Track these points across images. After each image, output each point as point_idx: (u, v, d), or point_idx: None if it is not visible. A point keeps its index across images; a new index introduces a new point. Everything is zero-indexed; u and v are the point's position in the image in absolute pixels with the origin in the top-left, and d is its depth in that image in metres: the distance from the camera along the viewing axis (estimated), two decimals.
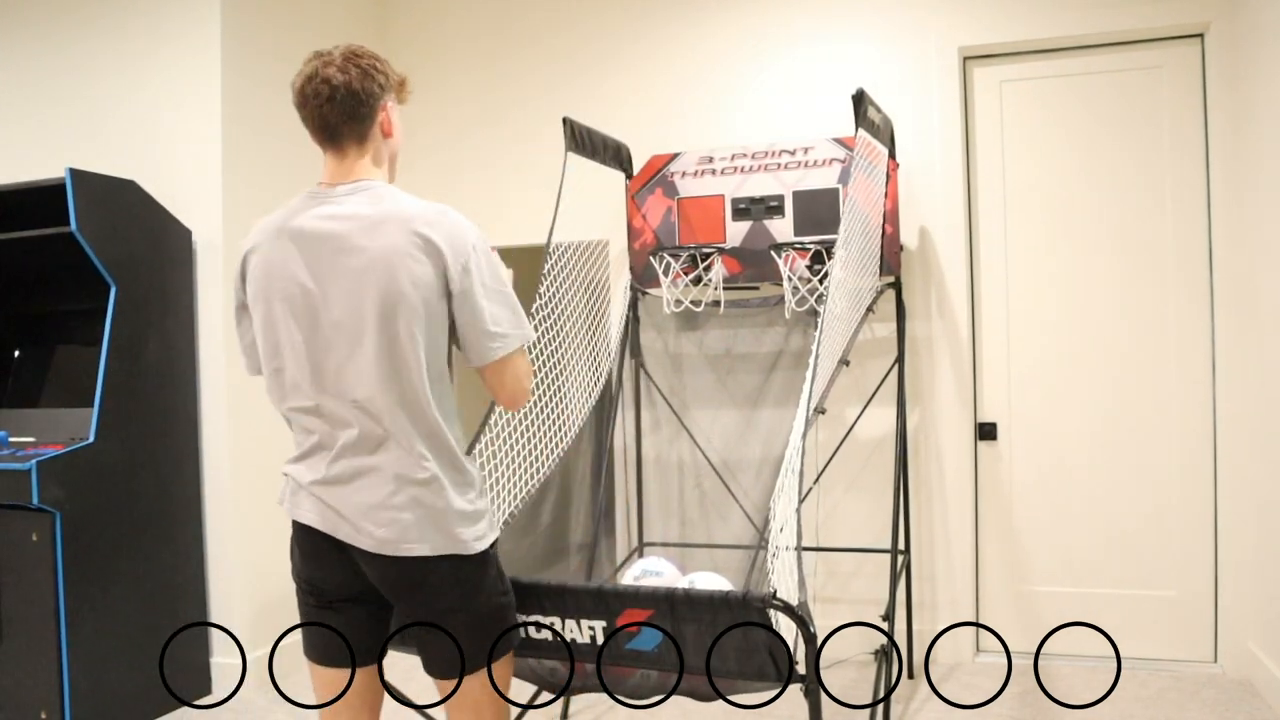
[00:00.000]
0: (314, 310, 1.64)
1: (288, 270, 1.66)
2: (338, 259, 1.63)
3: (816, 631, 1.72)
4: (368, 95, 1.69)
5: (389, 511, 1.63)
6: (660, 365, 3.74)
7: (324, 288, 1.63)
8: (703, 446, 3.66)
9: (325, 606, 1.75)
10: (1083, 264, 3.53)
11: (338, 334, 1.63)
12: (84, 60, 3.59)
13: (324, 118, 1.68)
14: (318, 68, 1.68)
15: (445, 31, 4.18)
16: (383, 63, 1.74)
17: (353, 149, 1.72)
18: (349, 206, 1.66)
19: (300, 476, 1.70)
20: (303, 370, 1.66)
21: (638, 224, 3.58)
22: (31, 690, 2.90)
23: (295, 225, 1.68)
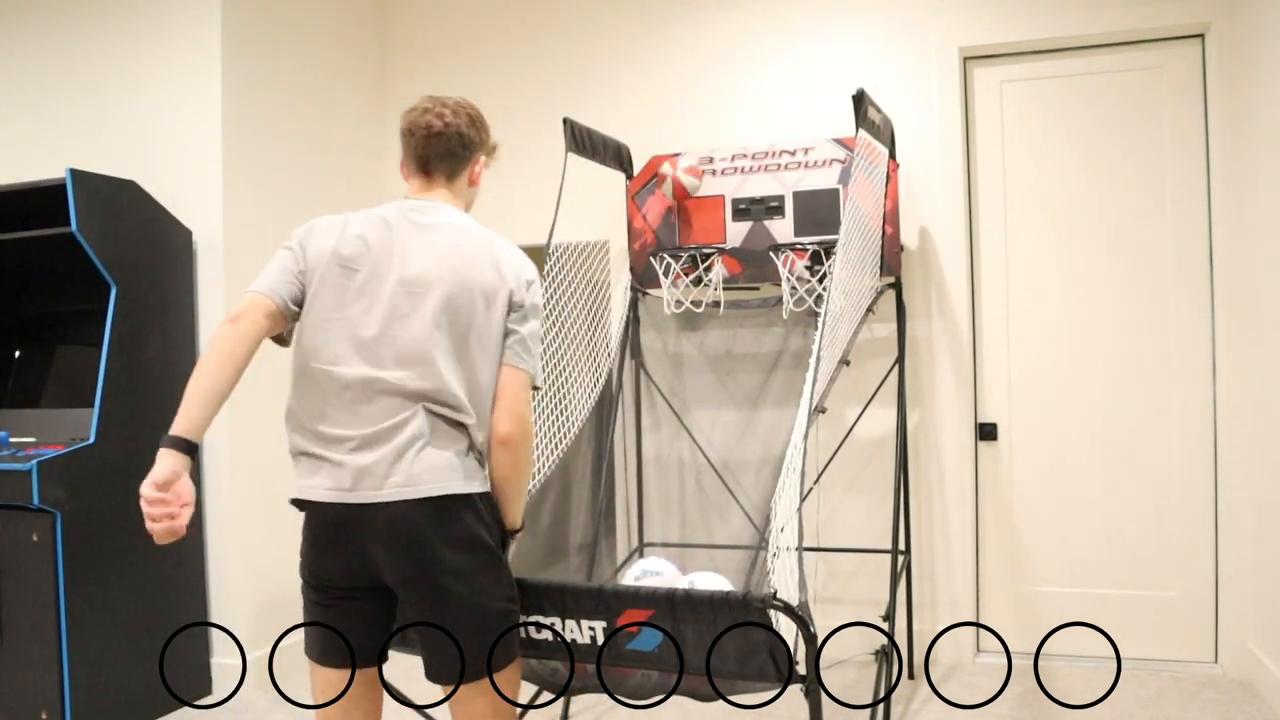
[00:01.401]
0: (379, 290, 1.74)
1: (359, 251, 1.77)
2: (420, 253, 1.76)
3: (817, 632, 1.72)
4: (468, 142, 1.90)
5: (413, 464, 1.70)
6: (660, 365, 3.75)
7: (395, 271, 1.75)
8: (703, 447, 3.66)
9: (329, 603, 1.75)
10: (1083, 264, 3.53)
11: (399, 316, 1.73)
12: (85, 61, 3.59)
13: (425, 151, 1.87)
14: (431, 107, 1.88)
15: (445, 31, 4.18)
16: (487, 123, 1.96)
17: (440, 184, 1.90)
18: (433, 216, 1.84)
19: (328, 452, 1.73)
20: (348, 338, 1.73)
21: (638, 224, 3.58)
22: (31, 690, 2.90)
23: (382, 213, 1.83)
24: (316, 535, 1.73)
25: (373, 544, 1.69)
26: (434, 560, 1.67)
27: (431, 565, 1.67)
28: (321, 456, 1.71)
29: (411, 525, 1.67)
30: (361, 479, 1.68)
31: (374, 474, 1.67)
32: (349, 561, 1.72)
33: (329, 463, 1.70)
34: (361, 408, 1.70)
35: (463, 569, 1.68)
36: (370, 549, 1.69)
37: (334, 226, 1.81)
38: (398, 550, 1.67)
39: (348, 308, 1.74)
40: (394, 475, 1.67)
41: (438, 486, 1.68)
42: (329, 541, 1.72)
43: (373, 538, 1.68)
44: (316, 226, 1.82)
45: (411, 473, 1.67)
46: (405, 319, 1.72)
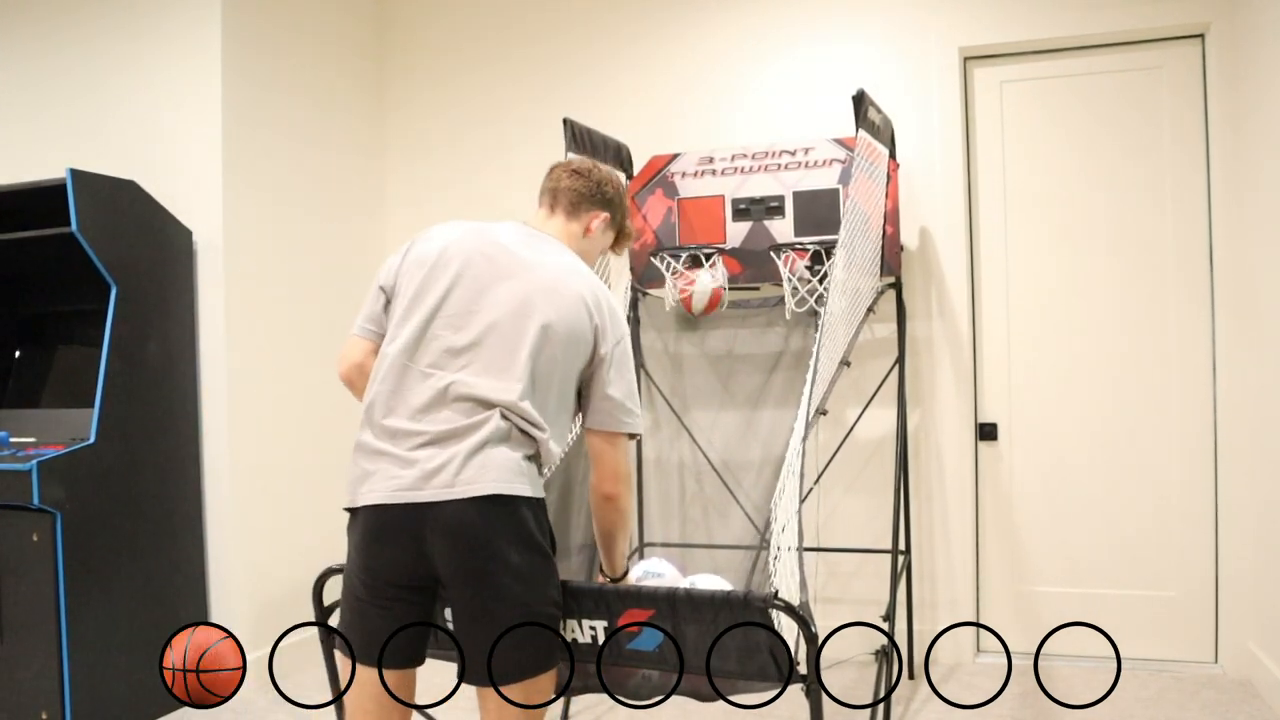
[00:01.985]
0: (479, 298, 1.79)
1: (474, 256, 1.82)
2: (524, 273, 1.82)
3: (817, 631, 1.72)
4: (596, 195, 2.01)
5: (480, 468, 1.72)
6: (661, 366, 3.75)
7: (499, 284, 1.80)
8: (703, 447, 3.66)
9: (380, 604, 1.75)
10: (1083, 264, 3.54)
11: (492, 327, 1.77)
12: (85, 61, 3.59)
13: (557, 183, 2.00)
14: (585, 158, 2.08)
15: (445, 31, 4.18)
16: (626, 202, 2.09)
17: (560, 219, 2.00)
18: (549, 246, 1.91)
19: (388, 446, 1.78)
20: (437, 340, 1.77)
21: (638, 224, 3.58)
22: (31, 690, 2.90)
23: (501, 227, 1.91)
24: (374, 531, 1.73)
25: (433, 537, 1.69)
26: (494, 555, 1.67)
27: (491, 559, 1.67)
28: (386, 453, 1.73)
29: (475, 520, 1.67)
30: (431, 477, 1.69)
31: (445, 472, 1.69)
32: (406, 556, 1.71)
33: (394, 459, 1.72)
34: (440, 409, 1.73)
35: (520, 567, 1.69)
36: (430, 542, 1.69)
37: (447, 233, 1.87)
38: (459, 543, 1.67)
39: (444, 312, 1.79)
40: (464, 473, 1.68)
41: (504, 486, 1.69)
42: (388, 537, 1.71)
43: (434, 531, 1.68)
44: (429, 231, 1.91)
45: (480, 471, 1.69)
46: (502, 335, 1.76)
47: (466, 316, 1.78)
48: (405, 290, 1.83)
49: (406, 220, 4.24)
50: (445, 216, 4.16)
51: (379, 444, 1.74)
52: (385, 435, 1.74)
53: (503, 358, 1.75)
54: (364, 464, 1.75)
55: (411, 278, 1.83)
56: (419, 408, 1.74)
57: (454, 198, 4.16)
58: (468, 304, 1.78)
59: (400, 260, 1.88)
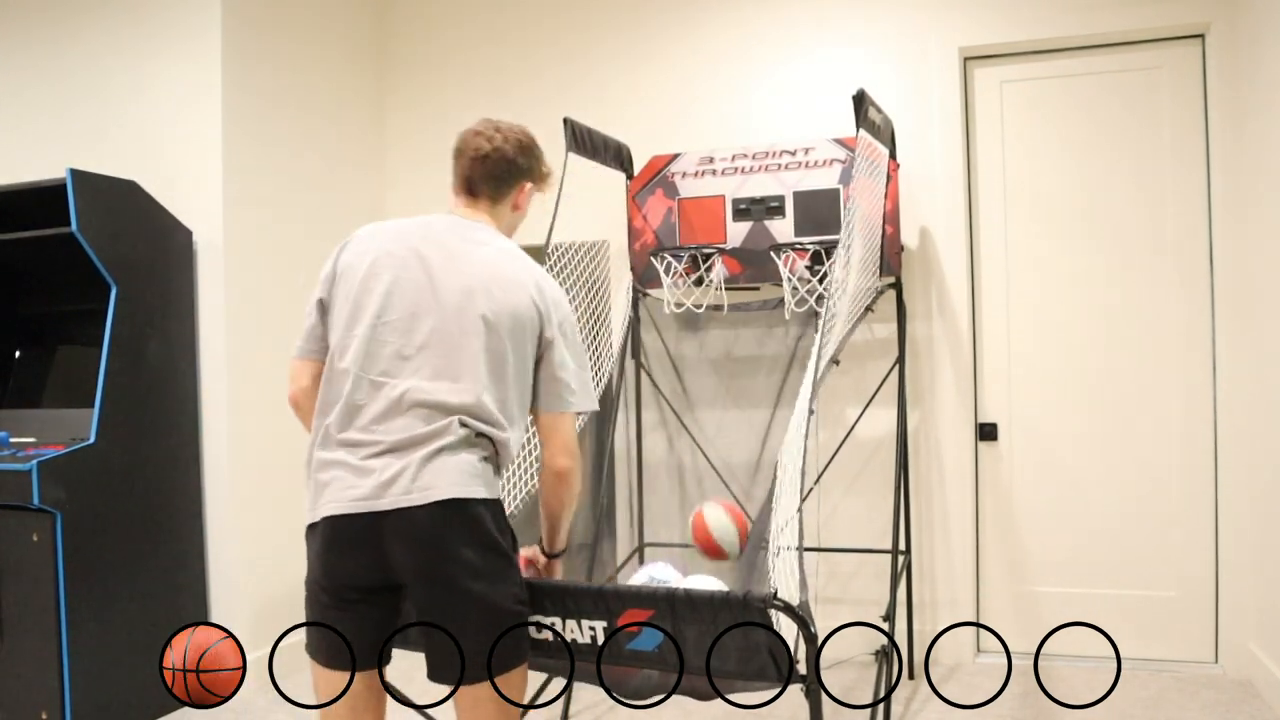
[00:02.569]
0: (419, 301, 1.76)
1: (406, 256, 1.79)
2: (460, 267, 1.78)
3: (817, 632, 1.72)
4: (514, 168, 1.92)
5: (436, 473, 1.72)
6: (661, 366, 3.75)
7: (439, 283, 1.76)
8: (704, 447, 3.66)
9: (341, 606, 1.75)
10: (1083, 264, 3.53)
11: (435, 331, 1.75)
12: (86, 62, 3.59)
13: (471, 172, 1.90)
14: (484, 129, 1.91)
15: (445, 32, 4.18)
16: (540, 151, 1.99)
17: (485, 205, 1.93)
18: (479, 235, 1.86)
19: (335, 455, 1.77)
20: (387, 347, 1.75)
21: (638, 224, 3.58)
22: (31, 690, 2.90)
23: (425, 224, 1.85)
24: (334, 540, 1.73)
25: (392, 544, 1.69)
26: (453, 557, 1.68)
27: (450, 562, 1.68)
28: (342, 462, 1.72)
29: (432, 524, 1.68)
30: (388, 486, 1.68)
31: (401, 479, 1.68)
32: (367, 562, 1.72)
33: (350, 469, 1.71)
34: (395, 417, 1.72)
35: (480, 567, 1.69)
36: (389, 547, 1.70)
37: (376, 235, 1.83)
38: (418, 548, 1.68)
39: (386, 317, 1.76)
40: (420, 479, 1.68)
41: (459, 490, 1.69)
42: (347, 545, 1.72)
43: (393, 538, 1.69)
44: (358, 235, 1.86)
45: (435, 477, 1.69)
46: (449, 334, 1.74)
47: (411, 320, 1.76)
48: (343, 300, 1.80)
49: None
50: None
51: (334, 455, 1.74)
52: (341, 446, 1.74)
53: (454, 358, 1.74)
54: (320, 476, 1.75)
55: (348, 286, 1.80)
56: (374, 417, 1.72)
57: None
58: (410, 306, 1.76)
59: (332, 268, 1.84)
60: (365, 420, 1.73)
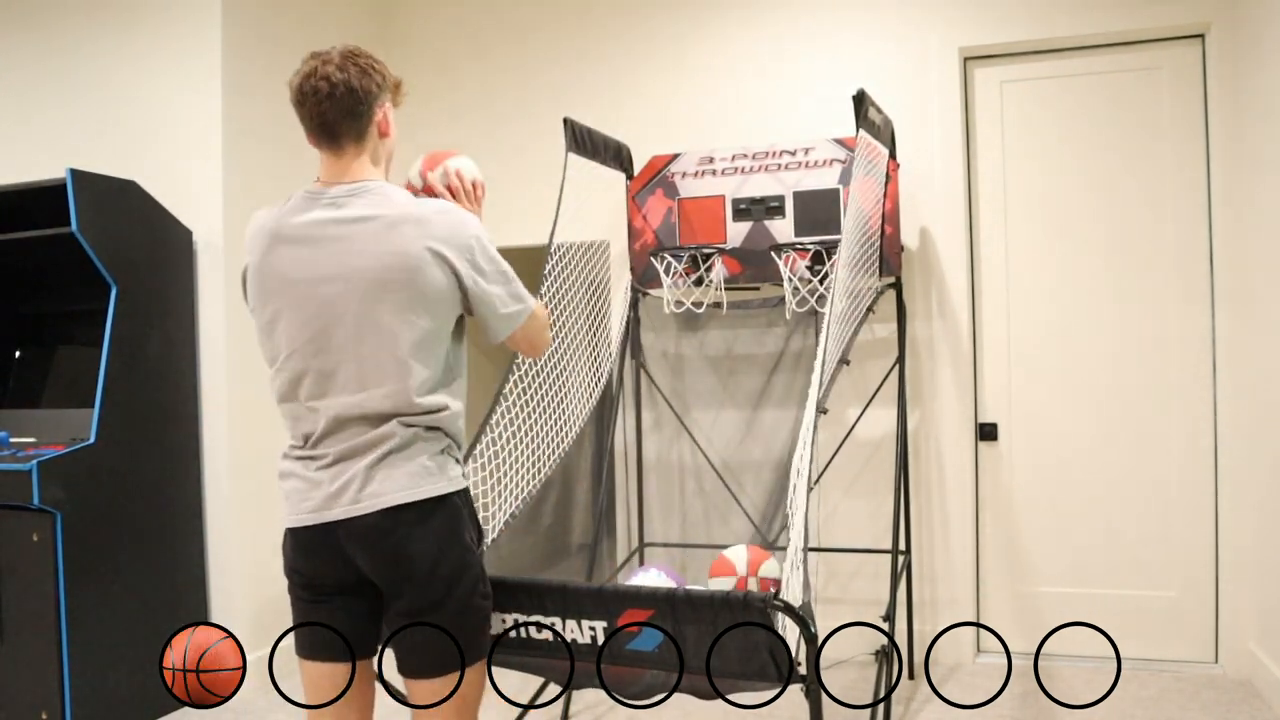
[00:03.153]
0: (318, 318, 1.68)
1: (291, 276, 1.69)
2: (344, 261, 1.66)
3: (817, 632, 1.72)
4: (366, 94, 1.73)
5: (383, 478, 1.69)
6: (661, 366, 3.75)
7: (330, 293, 1.67)
8: (703, 447, 3.66)
9: (318, 600, 1.76)
10: (1083, 264, 3.53)
11: (346, 341, 1.67)
12: (85, 61, 3.59)
13: (322, 115, 1.71)
14: (316, 66, 1.70)
15: (446, 31, 4.18)
16: (380, 64, 1.77)
17: (350, 147, 1.75)
18: (353, 209, 1.69)
19: (295, 469, 1.75)
20: (303, 375, 1.70)
21: (638, 224, 3.58)
22: (31, 690, 2.90)
23: (294, 228, 1.70)
24: (299, 544, 1.75)
25: (352, 549, 1.70)
26: (409, 558, 1.68)
27: (407, 564, 1.68)
28: (296, 474, 1.73)
29: (384, 531, 1.68)
30: (337, 496, 1.68)
31: (349, 490, 1.67)
32: (333, 565, 1.73)
33: (304, 480, 1.72)
34: (335, 433, 1.70)
35: (437, 565, 1.69)
36: (350, 553, 1.71)
37: (256, 252, 1.73)
38: (374, 554, 1.69)
39: (296, 345, 1.69)
40: (368, 488, 1.67)
41: (409, 494, 1.67)
42: (311, 551, 1.74)
43: (351, 544, 1.70)
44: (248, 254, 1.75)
45: (383, 484, 1.67)
46: (362, 339, 1.66)
47: (319, 339, 1.67)
48: (259, 327, 1.76)
49: None
50: None
51: (292, 466, 1.75)
52: (297, 460, 1.74)
53: (375, 362, 1.66)
54: (283, 485, 1.76)
55: (257, 318, 1.75)
56: (318, 437, 1.71)
57: None
58: (312, 326, 1.67)
59: (245, 291, 1.79)
60: (312, 440, 1.72)
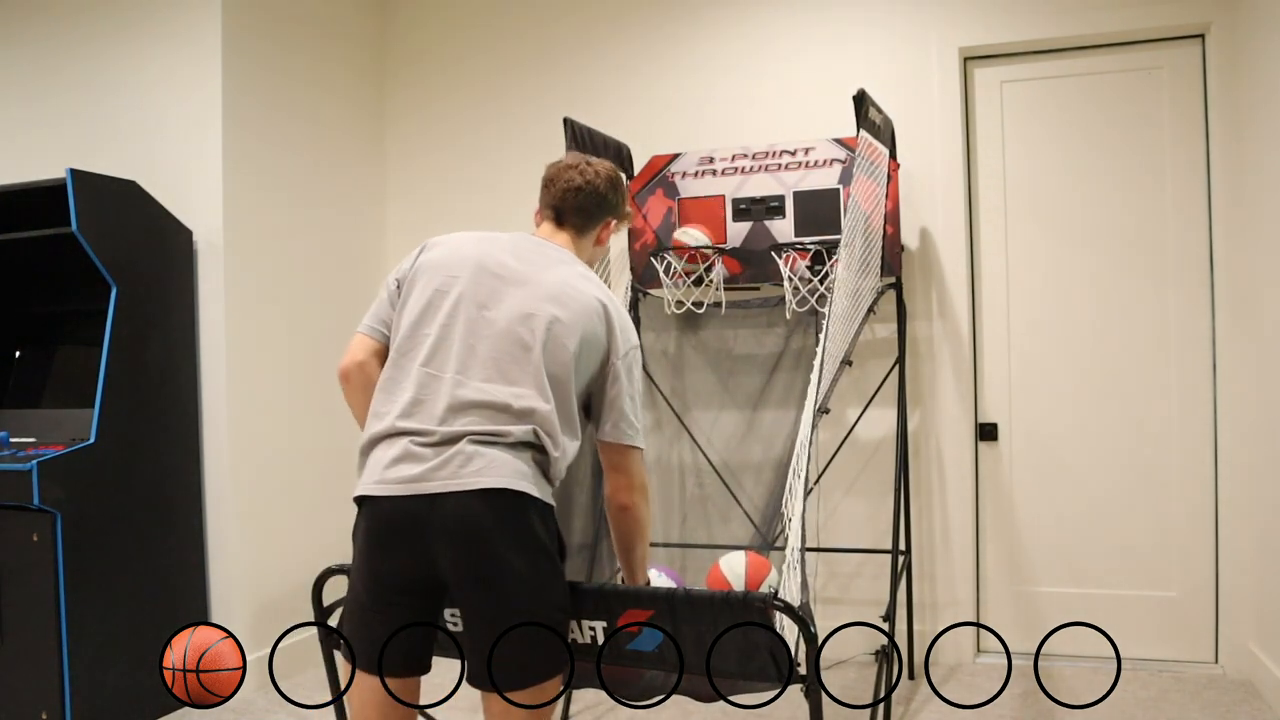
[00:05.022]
0: (488, 303, 1.79)
1: (485, 262, 1.83)
2: (536, 277, 1.82)
3: (817, 632, 1.72)
4: (605, 202, 1.99)
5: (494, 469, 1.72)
6: (661, 366, 3.75)
7: (509, 291, 1.80)
8: (703, 447, 3.66)
9: (380, 609, 1.74)
10: (1083, 264, 3.53)
11: (501, 333, 1.77)
12: (85, 60, 3.59)
13: (564, 201, 1.96)
14: (577, 163, 1.99)
15: (446, 31, 4.18)
16: (626, 189, 2.05)
17: (570, 234, 1.98)
18: (561, 255, 1.92)
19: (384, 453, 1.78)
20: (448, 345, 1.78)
21: (638, 224, 3.58)
22: (31, 690, 2.90)
23: (507, 237, 1.90)
24: (377, 533, 1.72)
25: (438, 535, 1.67)
26: (499, 559, 1.66)
27: (495, 565, 1.66)
28: (399, 446, 1.72)
29: (480, 516, 1.66)
30: (438, 470, 1.68)
31: (451, 464, 1.68)
32: (409, 558, 1.70)
33: (406, 453, 1.71)
34: (457, 415, 1.72)
35: (526, 574, 1.68)
36: (434, 541, 1.68)
37: (461, 242, 1.88)
38: (463, 543, 1.66)
39: (457, 319, 1.79)
40: (471, 465, 1.68)
41: (512, 483, 1.69)
42: (392, 535, 1.70)
43: (439, 528, 1.67)
44: (442, 238, 1.91)
45: (489, 465, 1.69)
46: (515, 341, 1.76)
47: (481, 324, 1.78)
48: (418, 297, 1.83)
49: (407, 220, 4.24)
50: (446, 216, 4.16)
51: (392, 439, 1.74)
52: (401, 435, 1.74)
53: (518, 365, 1.76)
54: (373, 455, 1.76)
55: (425, 285, 1.84)
56: (436, 412, 1.73)
57: (455, 198, 4.16)
58: (481, 312, 1.79)
59: (412, 265, 1.89)
60: (427, 414, 1.73)
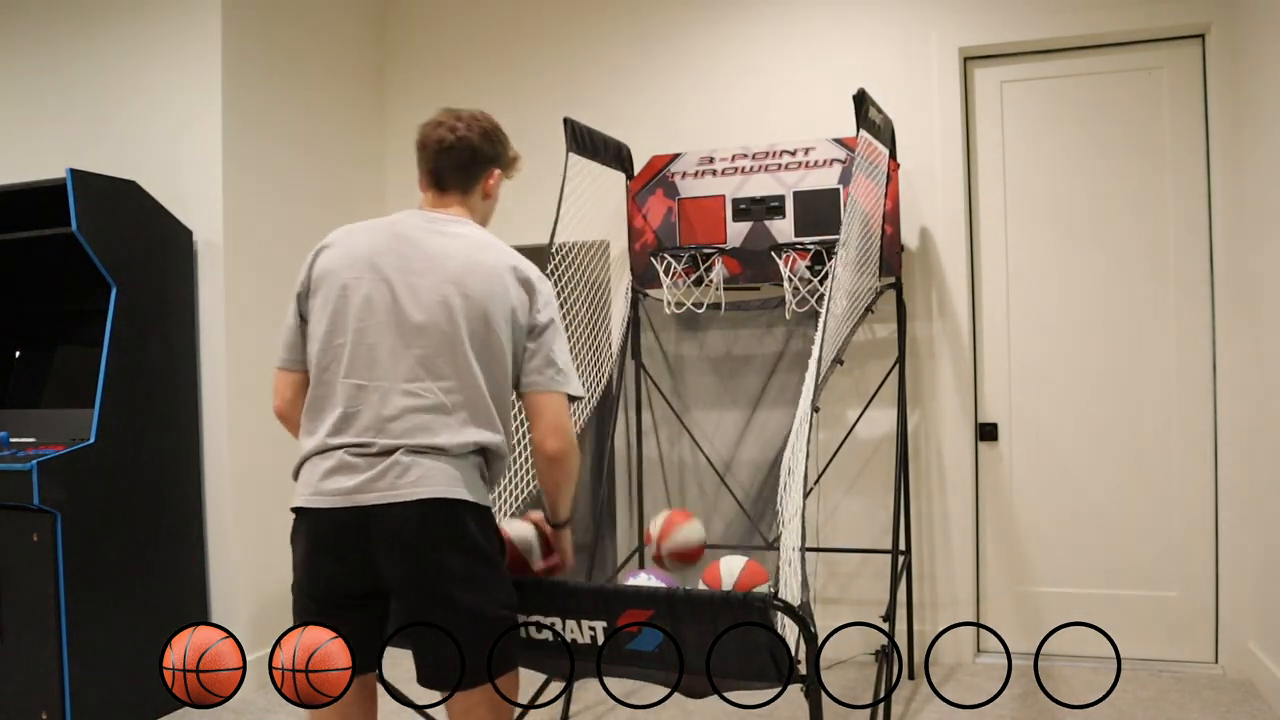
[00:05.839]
0: (395, 301, 1.74)
1: (379, 258, 1.77)
2: (437, 261, 1.76)
3: (817, 632, 1.72)
4: (480, 155, 1.89)
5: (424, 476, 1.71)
6: (661, 366, 3.75)
7: (415, 283, 1.74)
8: (704, 447, 3.66)
9: (327, 612, 1.75)
10: (1083, 264, 3.53)
11: (417, 328, 1.73)
12: (85, 61, 3.59)
13: (438, 164, 1.87)
14: (444, 120, 1.88)
15: (445, 32, 4.18)
16: (504, 135, 1.95)
17: (455, 196, 1.90)
18: (452, 228, 1.83)
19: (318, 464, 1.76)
20: (365, 352, 1.74)
21: (638, 224, 3.58)
22: (31, 690, 2.90)
23: (394, 223, 1.83)
24: (317, 542, 1.73)
25: (377, 545, 1.68)
26: (439, 565, 1.67)
27: (436, 570, 1.67)
28: (332, 460, 1.72)
29: (417, 526, 1.66)
30: (375, 482, 1.68)
31: (388, 476, 1.68)
32: (351, 568, 1.71)
33: (341, 466, 1.71)
34: (387, 424, 1.71)
35: (466, 576, 1.68)
36: (374, 550, 1.69)
37: (348, 242, 1.81)
38: (403, 553, 1.67)
39: (368, 324, 1.74)
40: (407, 476, 1.67)
41: (448, 491, 1.68)
42: (332, 546, 1.72)
43: (378, 539, 1.68)
44: (329, 241, 1.84)
45: (424, 474, 1.68)
46: (432, 335, 1.72)
47: (393, 325, 1.73)
48: (320, 309, 1.78)
49: None
50: None
51: (325, 455, 1.74)
52: (333, 450, 1.73)
53: (441, 359, 1.72)
54: (307, 471, 1.76)
55: (325, 295, 1.78)
56: (365, 423, 1.71)
57: None
58: (391, 311, 1.74)
59: (308, 274, 1.83)
60: (359, 426, 1.72)
